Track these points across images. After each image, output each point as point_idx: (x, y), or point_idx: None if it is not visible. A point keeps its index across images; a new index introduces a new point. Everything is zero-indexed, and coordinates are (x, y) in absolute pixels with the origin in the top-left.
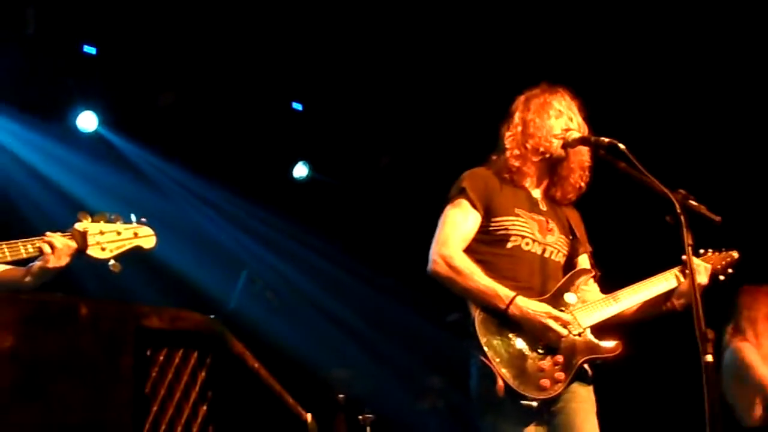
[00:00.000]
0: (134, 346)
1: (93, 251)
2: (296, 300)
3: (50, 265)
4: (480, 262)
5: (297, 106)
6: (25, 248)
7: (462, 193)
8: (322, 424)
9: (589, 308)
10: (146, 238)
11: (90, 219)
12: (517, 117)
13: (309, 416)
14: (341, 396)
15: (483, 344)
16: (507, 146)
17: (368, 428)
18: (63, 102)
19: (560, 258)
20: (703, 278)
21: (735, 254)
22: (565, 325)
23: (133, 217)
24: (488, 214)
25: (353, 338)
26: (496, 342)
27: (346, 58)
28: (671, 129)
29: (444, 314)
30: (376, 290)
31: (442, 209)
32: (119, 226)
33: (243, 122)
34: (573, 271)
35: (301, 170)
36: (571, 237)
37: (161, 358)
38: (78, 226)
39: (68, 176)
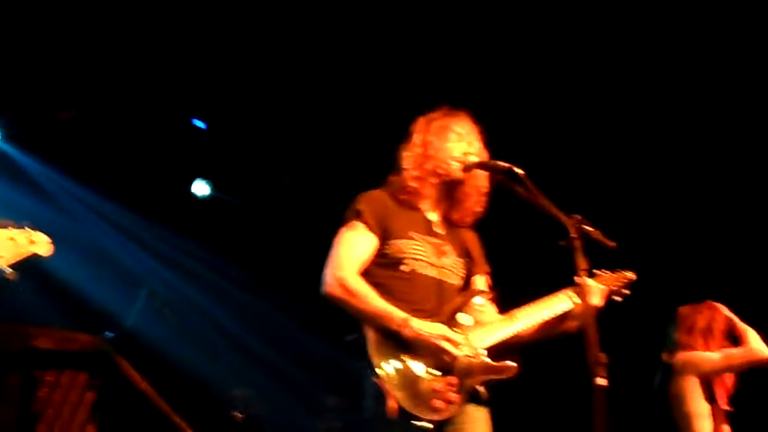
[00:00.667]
0: (22, 367)
1: None
2: (196, 319)
3: None
4: (376, 285)
5: (200, 123)
6: None
7: (358, 216)
8: None
9: (484, 329)
10: (42, 244)
11: None
12: (417, 138)
13: None
14: (240, 415)
15: (376, 365)
16: (405, 167)
17: None
18: None
19: (456, 280)
20: (596, 299)
21: (631, 275)
22: (457, 346)
23: (25, 224)
24: (384, 236)
25: (252, 358)
26: (390, 363)
27: (249, 76)
28: (573, 155)
29: (342, 334)
30: (276, 310)
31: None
32: (13, 232)
33: (144, 139)
34: (467, 291)
35: (202, 188)
36: (467, 259)
37: (49, 378)
38: None
39: None
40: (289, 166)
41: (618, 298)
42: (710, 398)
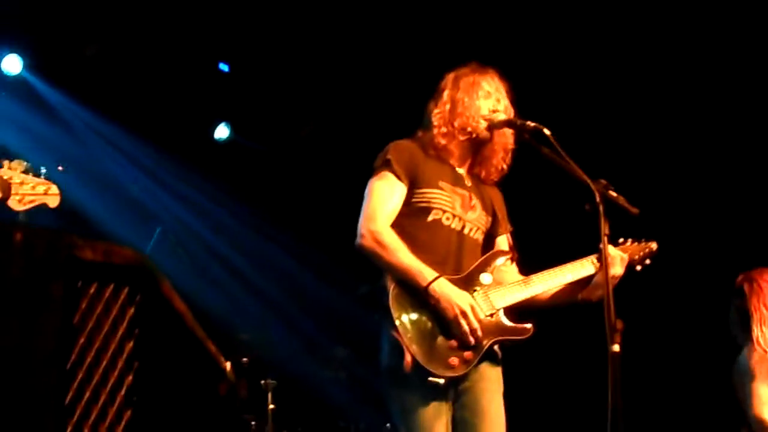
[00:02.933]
0: (65, 277)
1: (12, 202)
2: (209, 260)
3: None
4: (400, 233)
5: (224, 67)
6: None
7: (387, 165)
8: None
9: (503, 290)
10: (53, 197)
11: (8, 166)
12: (445, 95)
13: (228, 364)
14: (245, 360)
15: (395, 319)
16: (434, 123)
17: (270, 394)
18: None
19: (479, 236)
20: (618, 269)
21: (654, 245)
22: (477, 316)
23: (43, 170)
24: (413, 185)
25: (263, 302)
26: (409, 318)
27: (276, 22)
28: (600, 119)
29: (355, 286)
30: (289, 256)
31: (361, 181)
32: (34, 179)
33: (168, 78)
34: (491, 252)
35: (222, 131)
36: (492, 216)
37: (92, 290)
38: (2, 172)
39: None
40: (310, 115)
41: (639, 268)
42: None
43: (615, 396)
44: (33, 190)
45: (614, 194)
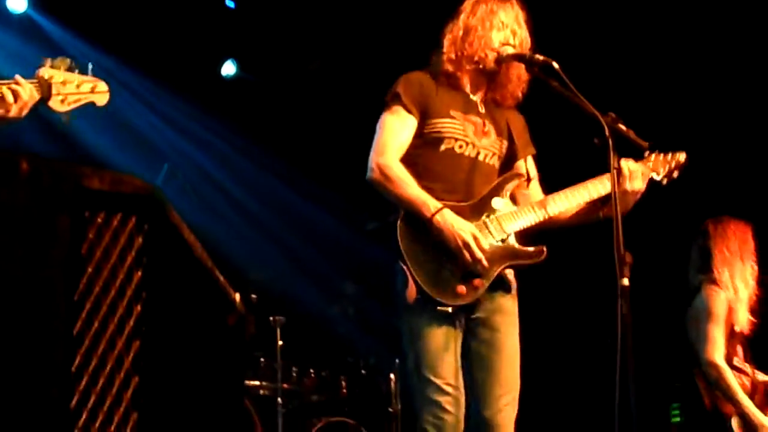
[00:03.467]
0: (73, 206)
1: (54, 103)
2: (217, 197)
3: (11, 115)
4: (414, 164)
5: (230, 3)
6: None
7: (397, 98)
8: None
9: (516, 214)
10: (101, 94)
11: (50, 64)
12: (460, 20)
13: (237, 296)
14: (254, 297)
15: (402, 249)
16: (443, 49)
17: (278, 330)
18: None
19: (494, 161)
20: (637, 183)
21: (681, 156)
22: (483, 251)
23: (90, 67)
24: (424, 116)
25: (271, 240)
26: (416, 248)
27: None
28: (614, 54)
29: (364, 222)
30: (297, 193)
31: (370, 115)
32: (79, 77)
33: (174, 15)
34: (503, 176)
35: (229, 68)
36: (507, 140)
37: (99, 220)
38: (43, 72)
39: None
40: (318, 49)
41: (666, 181)
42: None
43: (624, 335)
44: (78, 89)
45: (623, 127)
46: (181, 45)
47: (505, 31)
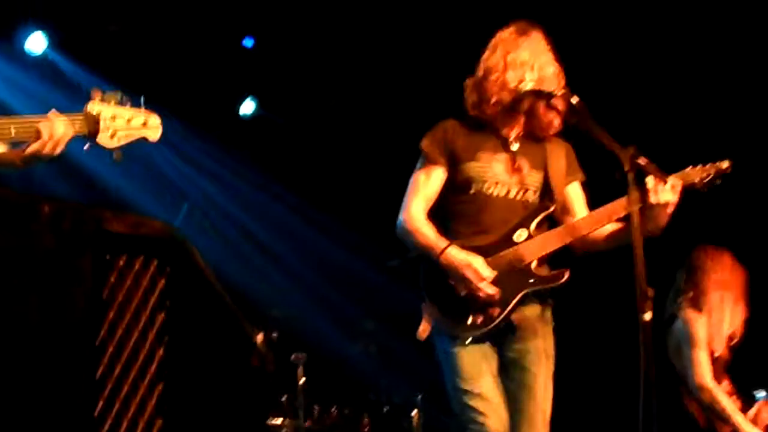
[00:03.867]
0: (94, 250)
1: (103, 139)
2: (237, 236)
3: (45, 151)
4: (450, 212)
5: (248, 42)
6: (17, 129)
7: (422, 154)
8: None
9: (537, 241)
10: (154, 129)
11: (100, 98)
12: (482, 62)
13: (260, 336)
14: (275, 335)
15: (424, 290)
16: (465, 93)
17: (300, 368)
18: (11, 22)
19: (530, 196)
20: (667, 195)
21: (724, 164)
22: (484, 280)
23: (142, 100)
24: (452, 164)
25: (291, 277)
26: (436, 288)
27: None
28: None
29: (385, 259)
30: (318, 231)
31: (390, 154)
32: (130, 111)
33: (193, 54)
34: (532, 209)
35: (248, 106)
36: (544, 172)
37: (121, 263)
38: (90, 107)
39: (15, 97)
40: (336, 88)
41: (705, 190)
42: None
43: (648, 366)
44: (128, 124)
45: (644, 161)
46: (200, 84)
47: (522, 69)
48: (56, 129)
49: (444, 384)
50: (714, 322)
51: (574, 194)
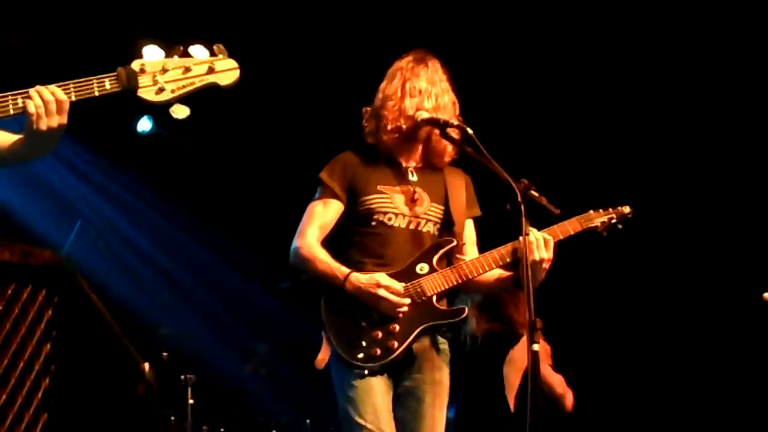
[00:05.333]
0: None
1: (146, 93)
2: (129, 254)
3: (40, 126)
4: (352, 244)
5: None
6: (14, 103)
7: (320, 185)
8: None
9: (435, 278)
10: (226, 72)
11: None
12: (379, 91)
13: (146, 365)
14: (165, 354)
15: (324, 320)
16: (363, 123)
17: (189, 388)
18: None
19: (430, 227)
20: (541, 252)
21: (625, 209)
22: (397, 294)
23: (216, 49)
24: (351, 196)
25: (183, 297)
26: (336, 317)
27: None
28: (528, 119)
29: (276, 281)
30: (209, 251)
31: (282, 178)
32: (191, 60)
33: (90, 68)
34: (433, 243)
35: (144, 124)
36: (444, 205)
37: (9, 292)
38: (134, 63)
39: None
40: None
41: (605, 234)
42: None
43: (535, 396)
44: (185, 74)
45: (536, 194)
46: (95, 101)
47: (420, 97)
48: (41, 97)
49: (336, 411)
50: None
51: (468, 232)
